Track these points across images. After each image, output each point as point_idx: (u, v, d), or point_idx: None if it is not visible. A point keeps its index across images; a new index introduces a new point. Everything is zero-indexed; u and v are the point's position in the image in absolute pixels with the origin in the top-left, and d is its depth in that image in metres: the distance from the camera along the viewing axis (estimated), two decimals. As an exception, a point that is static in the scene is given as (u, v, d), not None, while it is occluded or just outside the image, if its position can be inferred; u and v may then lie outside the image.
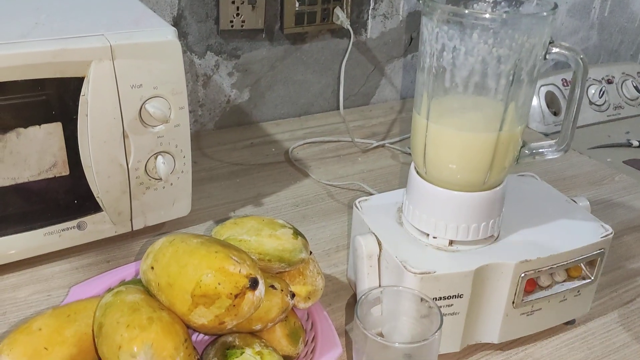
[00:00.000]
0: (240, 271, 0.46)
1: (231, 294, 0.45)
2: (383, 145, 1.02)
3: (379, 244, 0.57)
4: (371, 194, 0.85)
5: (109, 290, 0.51)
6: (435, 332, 0.43)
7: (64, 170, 0.66)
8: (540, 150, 0.57)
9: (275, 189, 0.87)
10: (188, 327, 0.48)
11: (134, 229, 0.73)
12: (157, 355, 0.42)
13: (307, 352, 0.56)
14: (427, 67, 0.52)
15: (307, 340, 0.58)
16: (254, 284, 0.46)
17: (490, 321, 0.57)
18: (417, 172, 0.57)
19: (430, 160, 0.54)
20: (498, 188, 0.55)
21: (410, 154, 0.98)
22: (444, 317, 0.48)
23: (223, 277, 0.45)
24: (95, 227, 0.70)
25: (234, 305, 0.45)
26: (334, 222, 0.80)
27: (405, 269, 0.53)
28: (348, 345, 0.60)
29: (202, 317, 0.46)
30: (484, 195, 0.54)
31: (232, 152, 0.98)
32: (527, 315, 0.58)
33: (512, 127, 0.52)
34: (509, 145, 0.53)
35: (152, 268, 0.49)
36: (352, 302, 0.66)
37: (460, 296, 0.54)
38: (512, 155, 0.55)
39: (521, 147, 0.56)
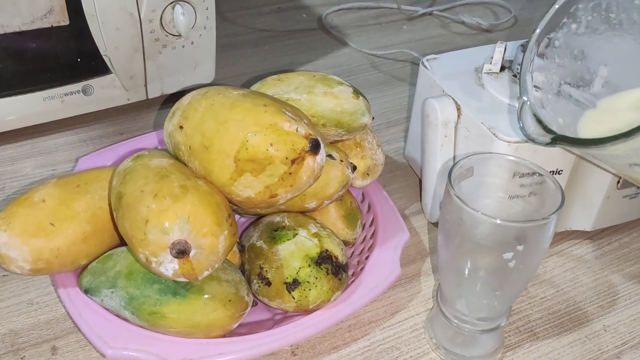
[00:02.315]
0: (297, 130, 0.35)
1: (287, 158, 0.34)
2: (430, 13, 0.88)
3: (458, 108, 0.46)
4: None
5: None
6: (555, 212, 0.33)
7: (63, 19, 0.54)
8: None
9: (310, 58, 0.75)
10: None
11: (149, 97, 0.62)
12: (196, 232, 0.33)
13: (365, 237, 0.47)
14: None
15: (365, 224, 0.48)
16: (314, 146, 0.35)
17: (588, 204, 0.47)
18: None
19: None
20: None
21: (463, 22, 0.85)
22: (533, 196, 0.38)
23: (276, 136, 0.34)
24: (103, 92, 0.59)
25: (290, 174, 0.35)
26: (382, 94, 0.69)
27: (496, 137, 0.42)
28: (412, 232, 0.51)
29: (248, 188, 0.36)
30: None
31: (257, 17, 0.84)
32: (630, 198, 0.48)
33: None
34: None
35: (181, 127, 0.38)
36: (411, 184, 0.56)
37: (559, 172, 0.44)
38: None
39: None
